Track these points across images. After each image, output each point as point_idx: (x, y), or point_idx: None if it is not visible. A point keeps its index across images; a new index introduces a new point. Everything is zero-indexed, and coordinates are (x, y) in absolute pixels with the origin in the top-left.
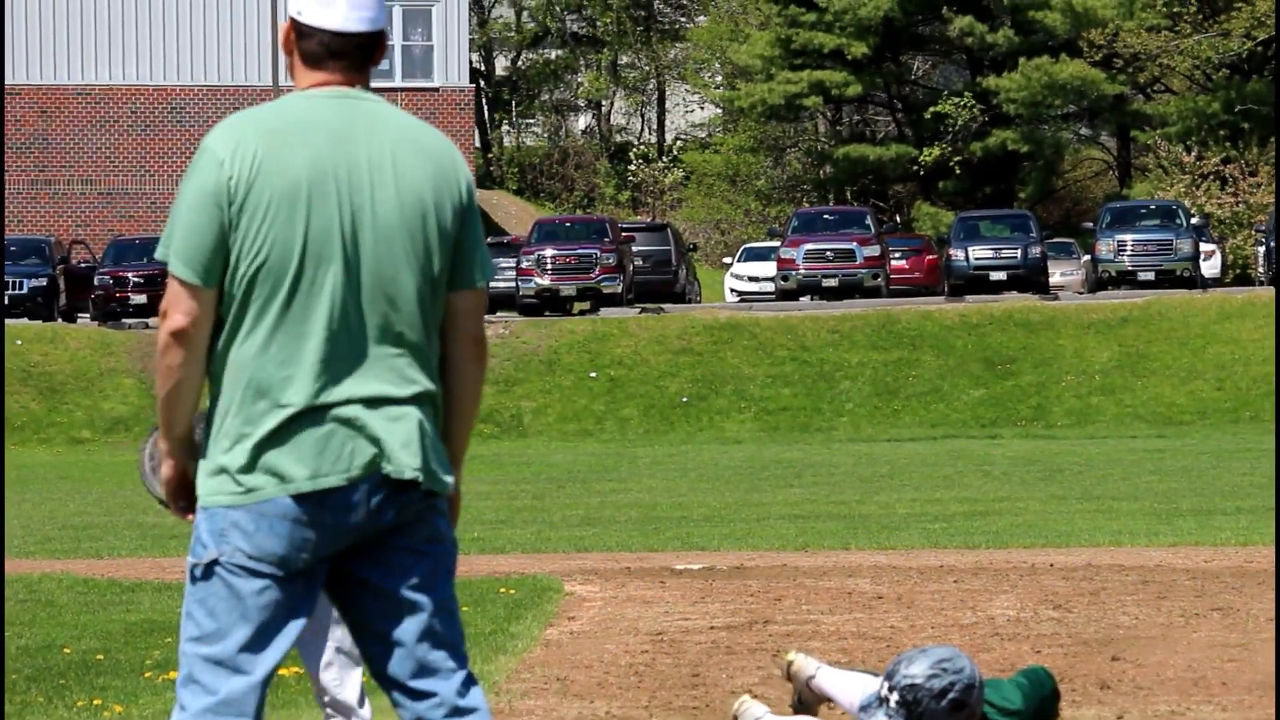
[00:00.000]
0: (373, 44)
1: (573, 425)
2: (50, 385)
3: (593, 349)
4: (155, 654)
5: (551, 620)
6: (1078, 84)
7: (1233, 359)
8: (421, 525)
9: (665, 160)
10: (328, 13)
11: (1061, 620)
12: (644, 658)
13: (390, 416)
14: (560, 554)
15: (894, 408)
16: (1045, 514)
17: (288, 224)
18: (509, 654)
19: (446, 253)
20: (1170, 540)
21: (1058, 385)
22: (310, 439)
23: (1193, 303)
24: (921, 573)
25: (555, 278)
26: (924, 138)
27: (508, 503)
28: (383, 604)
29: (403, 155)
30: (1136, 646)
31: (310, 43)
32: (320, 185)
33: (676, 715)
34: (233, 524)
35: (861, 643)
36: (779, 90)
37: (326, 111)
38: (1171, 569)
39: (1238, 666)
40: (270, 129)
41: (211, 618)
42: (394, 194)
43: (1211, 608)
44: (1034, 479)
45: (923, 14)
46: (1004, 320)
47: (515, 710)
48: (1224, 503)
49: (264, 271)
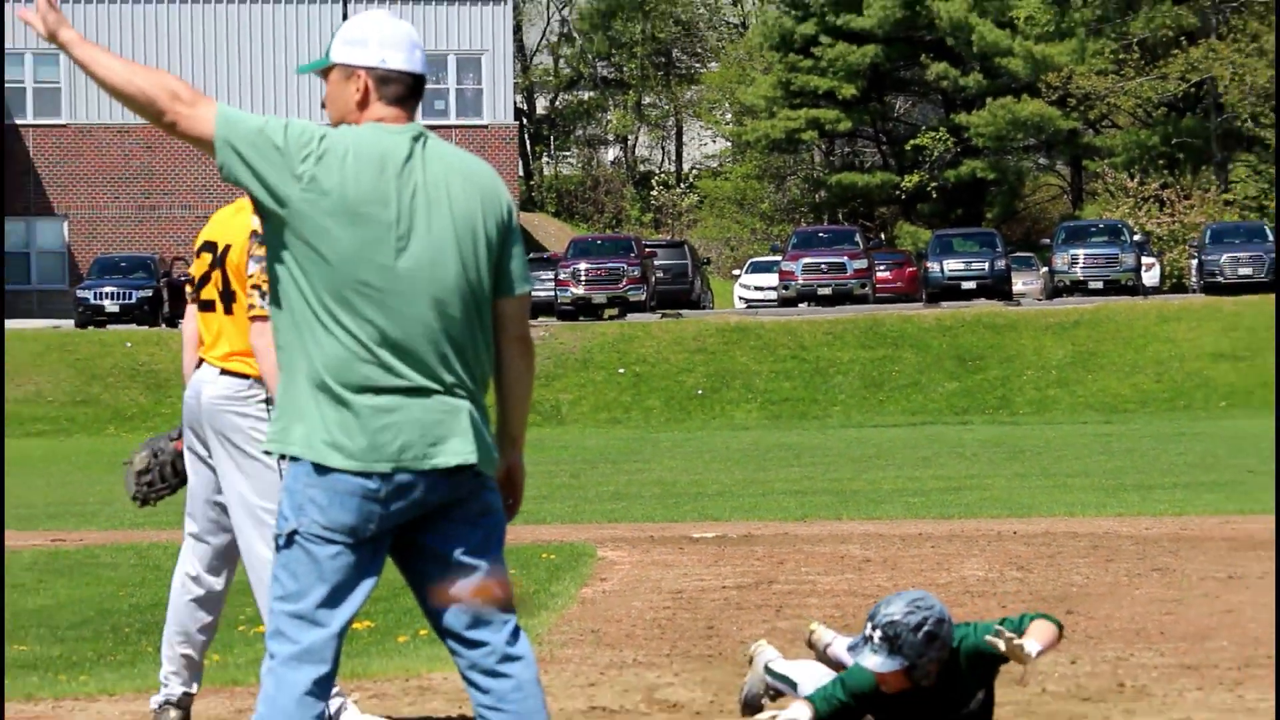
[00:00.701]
0: (424, 83)
1: (604, 414)
2: (155, 381)
3: (621, 349)
4: (247, 610)
5: (586, 581)
6: (1037, 120)
7: (1170, 356)
8: (474, 501)
9: (682, 186)
10: (411, 58)
11: (1023, 580)
12: (665, 613)
13: (444, 408)
14: (594, 524)
15: (879, 398)
16: (1009, 489)
17: (354, 235)
18: (550, 610)
19: (492, 265)
20: (1116, 511)
21: (1020, 379)
22: (373, 425)
23: (1135, 308)
24: (903, 539)
25: (588, 288)
26: (905, 167)
27: (548, 480)
28: (441, 568)
29: (456, 181)
30: (1087, 602)
31: (395, 87)
32: (383, 201)
33: (694, 662)
34: (309, 500)
35: (852, 599)
36: (780, 126)
37: (389, 142)
38: (1117, 535)
39: (1174, 619)
40: (338, 155)
41: (294, 579)
42: (448, 212)
43: (1151, 568)
44: (999, 459)
45: (904, 60)
46: (973, 323)
47: (556, 658)
48: (1162, 479)
49: (334, 276)
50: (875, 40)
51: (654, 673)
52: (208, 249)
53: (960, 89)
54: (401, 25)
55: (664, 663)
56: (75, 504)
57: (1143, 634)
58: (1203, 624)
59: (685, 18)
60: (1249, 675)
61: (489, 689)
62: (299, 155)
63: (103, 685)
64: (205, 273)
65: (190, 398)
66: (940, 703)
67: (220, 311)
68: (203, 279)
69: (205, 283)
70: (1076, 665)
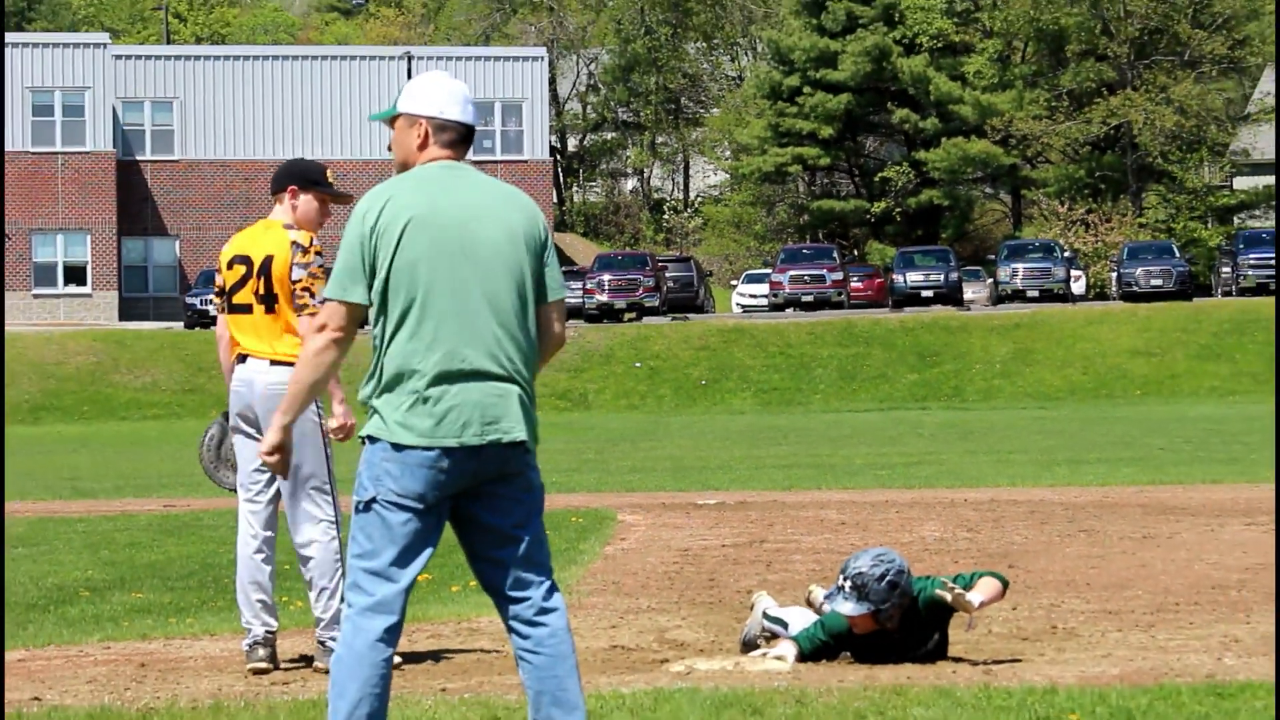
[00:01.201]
0: (474, 132)
1: (623, 401)
2: None
3: (637, 346)
4: None
5: (608, 541)
6: (983, 157)
7: (1094, 353)
8: (520, 478)
9: (689, 211)
10: (463, 111)
11: (972, 539)
12: (675, 567)
13: (497, 392)
14: (615, 493)
15: (853, 388)
16: (961, 464)
17: (418, 251)
18: (578, 565)
19: (534, 275)
20: (1049, 482)
21: (970, 372)
22: (440, 408)
23: (1065, 313)
24: (872, 505)
25: (611, 295)
26: (874, 195)
27: (576, 456)
28: (491, 536)
29: (501, 204)
30: (1025, 558)
31: (450, 134)
32: (441, 222)
33: (698, 608)
34: (385, 471)
35: (830, 556)
36: (770, 161)
37: (444, 176)
38: (1050, 503)
39: (1099, 571)
40: (403, 189)
41: (370, 540)
42: (495, 228)
43: (1079, 530)
44: (953, 439)
45: (873, 107)
46: (931, 325)
47: (583, 605)
48: (1088, 455)
49: (404, 285)
50: (849, 90)
51: (665, 617)
52: (241, 262)
53: (920, 130)
54: (457, 84)
55: (673, 609)
56: (184, 476)
57: (1072, 584)
58: (1122, 576)
59: (692, 71)
60: (1160, 619)
61: (528, 635)
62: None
63: (205, 627)
64: (238, 282)
65: (241, 386)
66: (902, 642)
67: (260, 313)
68: (235, 287)
69: (239, 290)
70: (1016, 611)
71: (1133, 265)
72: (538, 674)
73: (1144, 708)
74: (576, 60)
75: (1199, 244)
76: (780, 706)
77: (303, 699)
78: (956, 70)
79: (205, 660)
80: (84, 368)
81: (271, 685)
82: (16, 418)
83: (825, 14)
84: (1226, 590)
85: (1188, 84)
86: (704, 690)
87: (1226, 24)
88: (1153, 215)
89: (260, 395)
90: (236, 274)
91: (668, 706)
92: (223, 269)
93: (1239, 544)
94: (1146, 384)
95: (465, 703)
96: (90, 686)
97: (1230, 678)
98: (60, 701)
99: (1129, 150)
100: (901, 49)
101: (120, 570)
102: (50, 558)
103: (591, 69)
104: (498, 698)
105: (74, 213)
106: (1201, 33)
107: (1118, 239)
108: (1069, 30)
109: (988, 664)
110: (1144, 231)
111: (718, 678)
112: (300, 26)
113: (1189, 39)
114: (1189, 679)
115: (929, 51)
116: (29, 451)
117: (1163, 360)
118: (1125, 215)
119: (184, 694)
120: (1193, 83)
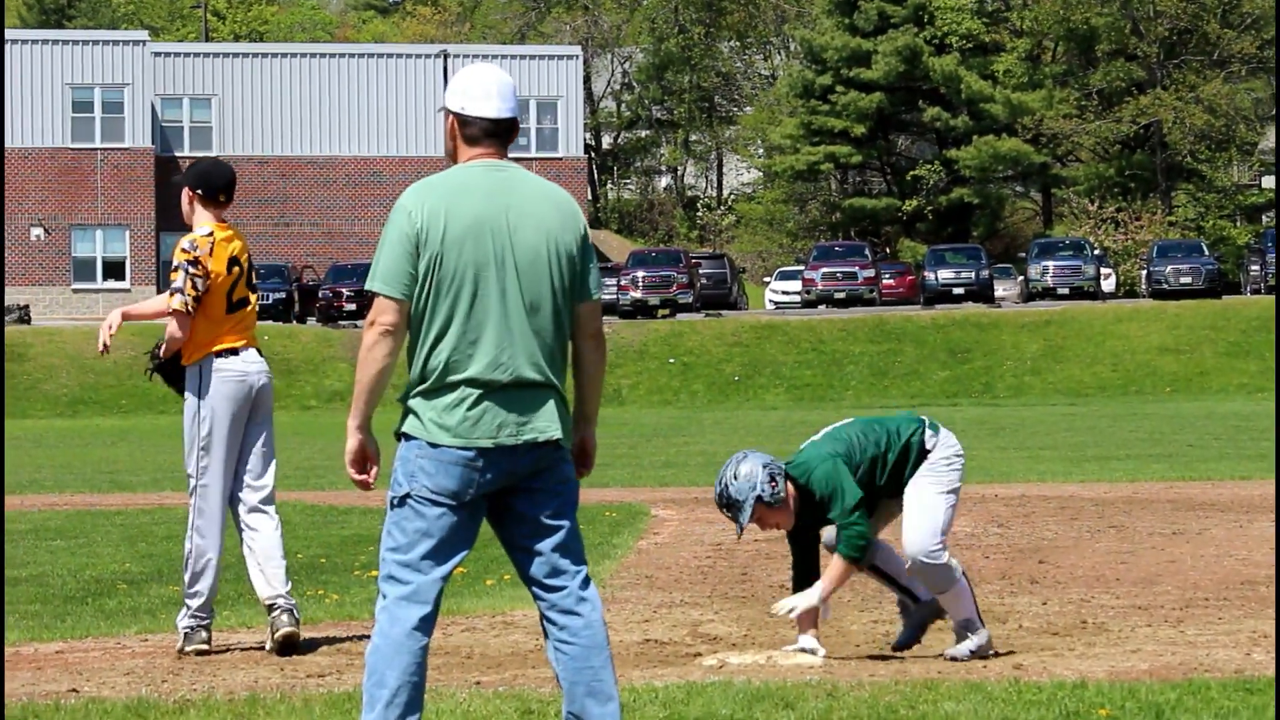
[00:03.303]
0: (514, 126)
1: (657, 397)
2: (288, 368)
3: (671, 342)
4: (361, 558)
5: (642, 535)
6: (1014, 155)
7: (1123, 350)
8: (554, 472)
9: (722, 209)
10: (486, 105)
11: (1003, 535)
12: (707, 562)
13: (534, 396)
14: (648, 488)
15: (884, 384)
16: (992, 459)
17: (460, 255)
18: (612, 559)
19: (572, 274)
20: (1080, 478)
21: (1000, 368)
22: (478, 409)
23: (1095, 310)
24: None
25: (645, 292)
26: (905, 193)
27: (610, 451)
28: (527, 528)
29: (539, 205)
30: (1056, 553)
31: (472, 129)
32: (481, 227)
33: (730, 602)
34: (420, 469)
35: None
36: (803, 159)
37: (483, 177)
38: (1080, 498)
39: (1128, 567)
40: (444, 191)
41: (403, 534)
42: (534, 232)
43: (1109, 525)
44: (984, 434)
45: (905, 106)
46: (962, 322)
47: (617, 599)
48: (1117, 451)
49: (445, 288)
50: (881, 89)
51: (698, 611)
52: (236, 264)
53: (951, 129)
54: (492, 76)
55: (706, 603)
56: None
57: (1101, 580)
58: (1151, 571)
59: (725, 70)
60: (1189, 614)
61: (564, 625)
62: (416, 242)
63: (241, 619)
64: (235, 282)
65: (249, 376)
66: (814, 518)
67: (254, 308)
68: (234, 286)
69: (235, 287)
70: (1047, 605)
71: (1162, 263)
72: (573, 664)
73: (1173, 702)
74: (611, 58)
75: (1228, 242)
76: (812, 700)
77: (338, 691)
78: (987, 69)
79: (241, 653)
80: (122, 362)
81: (307, 678)
82: (55, 411)
83: (857, 13)
84: (1255, 586)
85: (1217, 83)
86: (736, 684)
87: (1255, 24)
88: (1182, 214)
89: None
90: (233, 276)
91: (700, 700)
92: (220, 273)
93: (1267, 540)
94: (1176, 381)
95: (500, 695)
96: (127, 678)
97: (1259, 673)
98: (97, 693)
99: (1159, 149)
100: (932, 49)
101: (158, 563)
102: (88, 550)
103: (626, 67)
104: (532, 691)
105: (113, 208)
106: (1230, 32)
107: (1147, 237)
108: (1099, 30)
109: (1018, 658)
110: (1173, 230)
111: (750, 671)
112: (337, 24)
113: (1218, 39)
114: (1218, 674)
115: (959, 51)
116: (67, 445)
117: (1192, 357)
118: (1155, 214)
119: (220, 686)
120: (1222, 82)
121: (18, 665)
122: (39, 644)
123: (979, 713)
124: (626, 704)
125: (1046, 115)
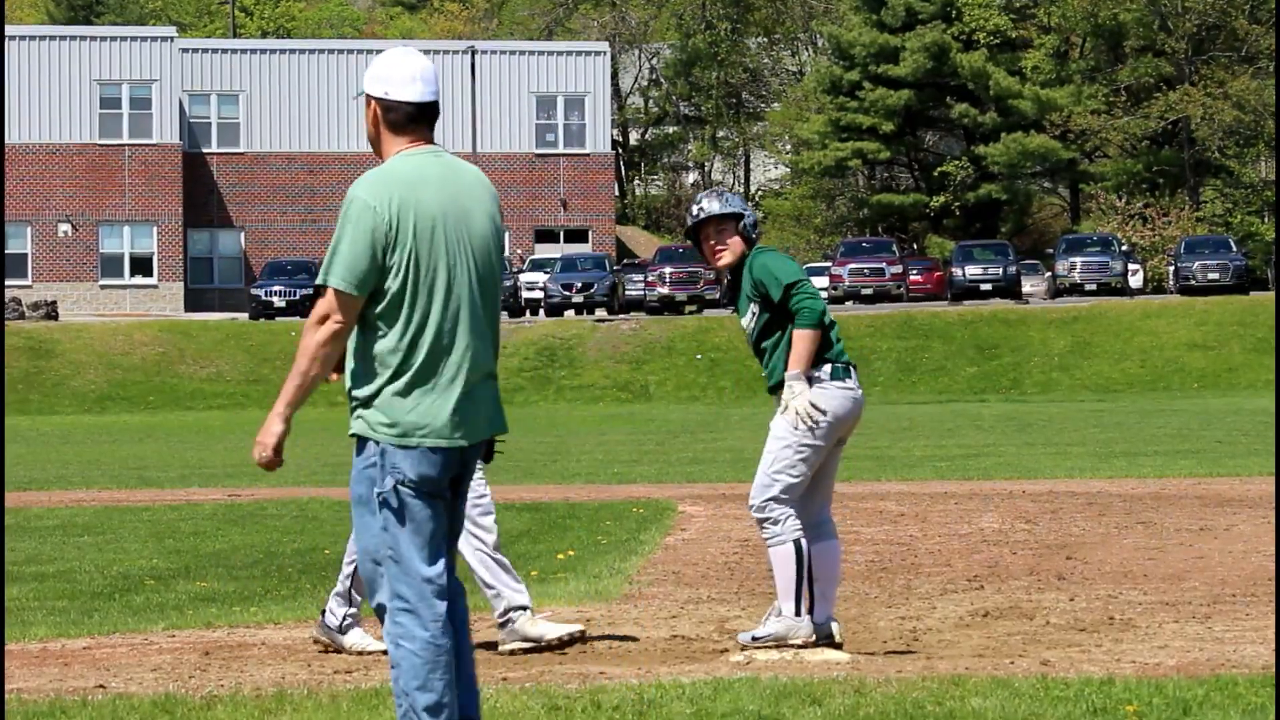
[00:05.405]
0: (436, 110)
1: (684, 393)
2: None
3: (698, 338)
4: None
5: (669, 531)
6: (1042, 151)
7: (1151, 346)
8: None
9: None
10: (409, 90)
11: (1030, 531)
12: (734, 558)
13: (491, 389)
14: (675, 484)
15: (912, 380)
16: (1019, 455)
17: (431, 250)
18: (639, 555)
19: (500, 261)
20: (1107, 474)
21: (1028, 364)
22: (463, 405)
23: (1123, 306)
24: (931, 497)
25: (672, 288)
26: (933, 189)
27: (638, 448)
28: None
29: (480, 192)
30: (1084, 549)
31: (395, 114)
32: (445, 219)
33: (757, 599)
34: (394, 466)
35: (888, 546)
36: (831, 155)
37: (433, 167)
38: (1108, 494)
39: (1155, 563)
40: (403, 183)
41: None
42: (480, 219)
43: (1136, 521)
44: (1011, 431)
45: (933, 102)
46: (990, 318)
47: (644, 594)
48: (1145, 447)
49: (421, 285)
50: (909, 85)
51: (725, 607)
52: None
53: (979, 125)
54: (409, 59)
55: (733, 599)
56: (247, 466)
57: (1129, 576)
58: (1179, 567)
59: (753, 66)
60: (1216, 610)
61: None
62: (385, 239)
63: (269, 615)
64: None
65: None
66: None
67: None
68: None
69: None
70: (1074, 602)
71: (1190, 259)
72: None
73: (1200, 699)
74: (638, 55)
75: (1256, 238)
76: (839, 697)
77: (365, 688)
78: (1015, 65)
79: (269, 648)
80: (149, 358)
81: (334, 674)
82: (83, 407)
83: (885, 9)
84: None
85: (1245, 79)
86: (763, 680)
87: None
88: (1210, 210)
89: None
90: None
91: (727, 696)
92: None
93: None
94: (1204, 377)
95: (526, 692)
96: (155, 674)
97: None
98: (125, 689)
99: (1187, 145)
100: (960, 45)
101: (185, 559)
102: (116, 546)
103: (653, 64)
104: (558, 687)
105: (140, 204)
106: (1259, 28)
107: (1175, 233)
108: (1127, 26)
109: (1045, 654)
110: (1201, 225)
111: (777, 667)
112: (364, 21)
113: (1246, 34)
114: (1245, 670)
115: (987, 47)
116: (95, 441)
117: (1220, 353)
118: (1183, 209)
119: (248, 682)
120: (1250, 78)
121: (45, 661)
122: (66, 640)
123: (1006, 709)
124: (654, 700)
125: (1075, 111)
